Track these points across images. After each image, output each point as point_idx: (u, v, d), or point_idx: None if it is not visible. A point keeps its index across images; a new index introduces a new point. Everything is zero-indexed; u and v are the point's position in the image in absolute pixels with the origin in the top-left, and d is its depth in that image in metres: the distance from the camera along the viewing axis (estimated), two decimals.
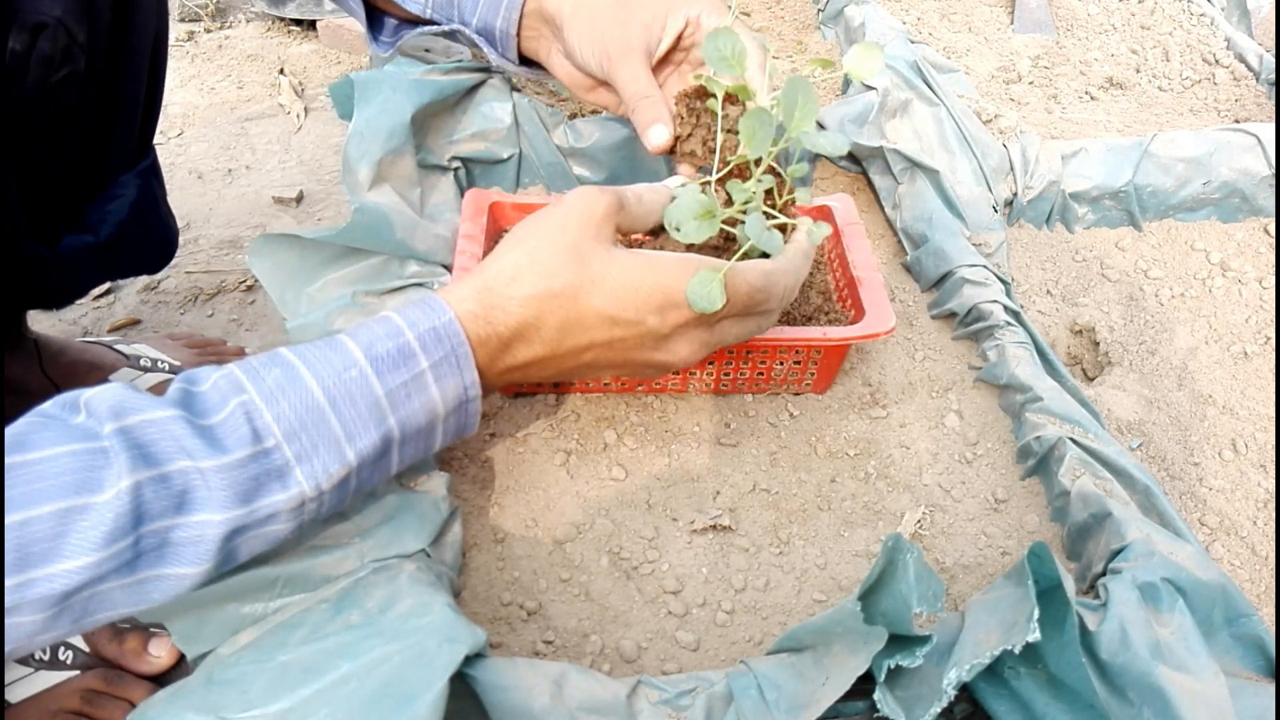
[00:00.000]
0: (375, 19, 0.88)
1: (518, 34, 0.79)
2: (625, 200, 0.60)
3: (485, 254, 0.76)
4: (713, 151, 0.71)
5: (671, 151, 0.74)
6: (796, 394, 0.81)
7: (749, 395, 0.80)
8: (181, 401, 0.47)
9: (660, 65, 0.79)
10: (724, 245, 0.67)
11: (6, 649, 0.43)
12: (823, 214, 0.85)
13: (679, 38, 0.77)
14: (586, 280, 0.56)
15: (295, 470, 0.48)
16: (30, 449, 0.43)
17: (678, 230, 0.61)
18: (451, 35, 0.84)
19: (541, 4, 0.78)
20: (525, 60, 0.84)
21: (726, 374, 0.77)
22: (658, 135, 0.73)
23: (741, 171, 0.68)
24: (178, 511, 0.45)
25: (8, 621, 0.42)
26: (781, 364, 0.77)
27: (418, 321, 0.52)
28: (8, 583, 0.41)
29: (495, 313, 0.55)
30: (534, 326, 0.55)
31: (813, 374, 0.79)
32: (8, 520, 0.41)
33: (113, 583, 0.44)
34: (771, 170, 0.66)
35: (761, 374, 0.78)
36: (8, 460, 0.42)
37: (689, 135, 0.74)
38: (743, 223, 0.64)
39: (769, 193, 0.68)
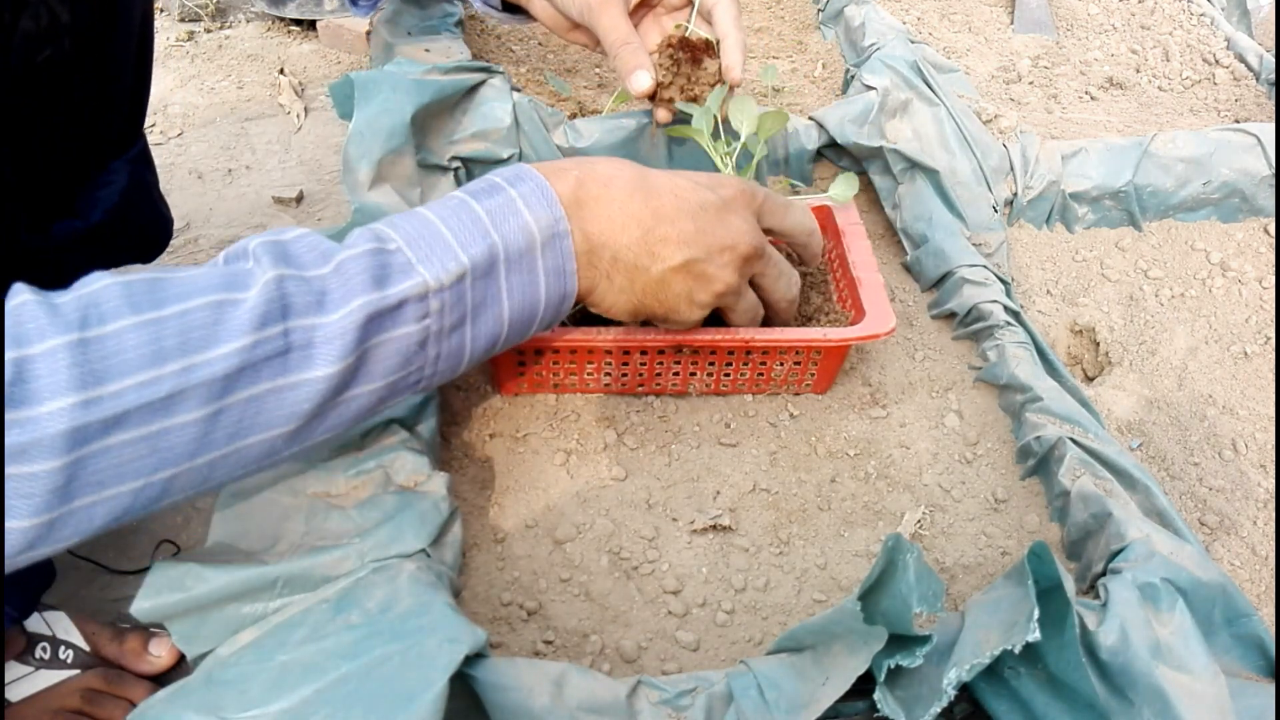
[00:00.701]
0: None
1: None
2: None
3: None
4: (693, 99, 0.83)
5: (652, 97, 0.82)
6: (796, 394, 0.81)
7: (749, 395, 0.80)
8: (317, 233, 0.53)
9: (637, 9, 0.84)
10: None
11: (163, 466, 0.44)
12: (822, 214, 0.85)
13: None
14: (657, 172, 0.63)
15: (417, 266, 0.51)
16: (181, 270, 0.47)
17: None
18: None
19: None
20: (508, 7, 0.89)
21: (727, 374, 0.77)
22: (640, 81, 0.80)
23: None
24: (319, 309, 0.48)
25: (170, 421, 0.44)
26: (781, 364, 0.77)
27: (501, 171, 0.58)
28: (171, 368, 0.43)
29: (572, 169, 0.60)
30: (605, 177, 0.60)
31: (813, 375, 0.79)
32: (167, 311, 0.44)
33: (266, 381, 0.46)
34: None
35: (761, 374, 0.78)
36: (170, 276, 0.46)
37: (669, 83, 0.83)
38: None
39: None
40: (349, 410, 0.52)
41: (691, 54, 0.84)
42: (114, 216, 0.83)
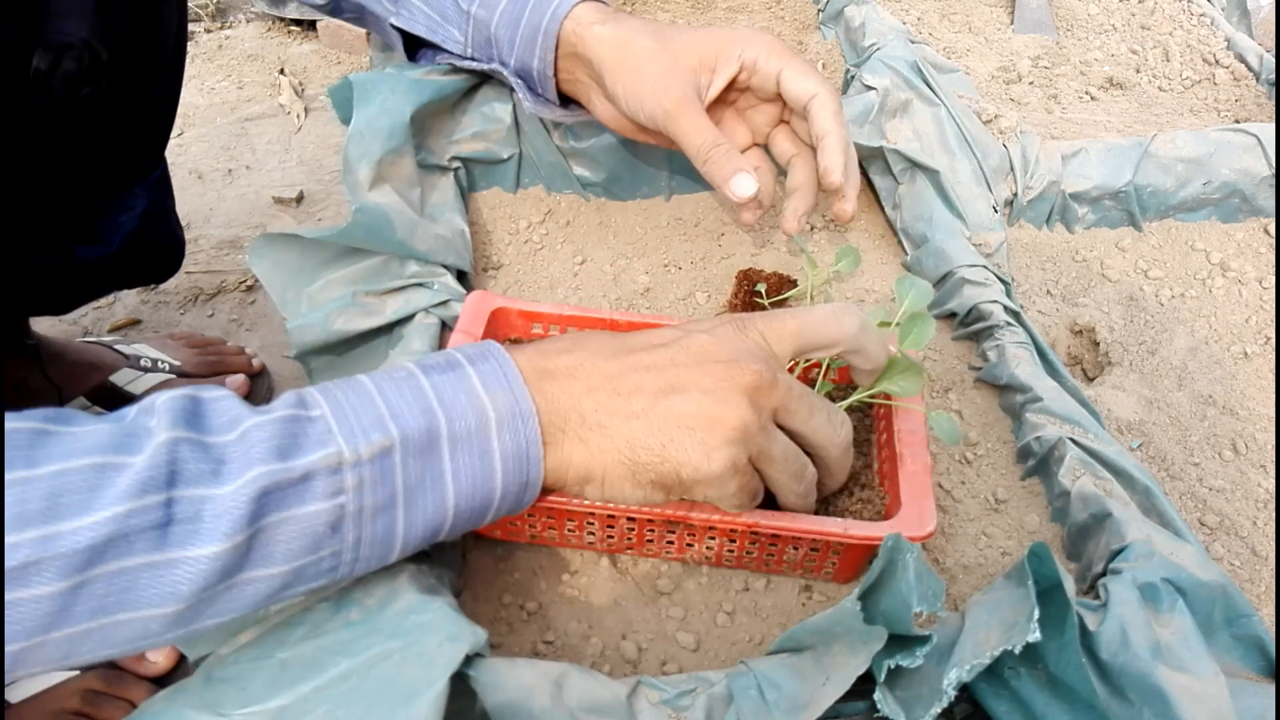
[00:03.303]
0: (414, 50, 0.88)
1: (555, 74, 0.77)
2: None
3: None
4: None
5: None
6: (813, 580, 0.69)
7: None
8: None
9: (714, 107, 0.74)
10: None
11: (9, 639, 0.40)
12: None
13: (733, 80, 0.72)
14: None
15: (336, 434, 0.46)
16: (77, 423, 0.43)
17: None
18: (492, 76, 0.83)
19: (577, 47, 0.74)
20: (566, 101, 0.81)
21: (730, 551, 0.66)
22: (742, 186, 0.69)
23: None
24: (213, 480, 0.43)
25: (22, 593, 0.39)
26: (796, 549, 0.65)
27: (466, 349, 0.53)
28: (30, 535, 0.39)
29: (535, 344, 0.56)
30: (576, 340, 0.55)
31: (833, 564, 0.66)
32: (41, 471, 0.40)
33: (140, 555, 0.42)
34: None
35: (772, 555, 0.66)
36: (57, 429, 0.42)
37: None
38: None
39: None
40: (245, 596, 0.46)
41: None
42: (133, 241, 0.84)
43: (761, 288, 0.81)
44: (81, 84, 0.67)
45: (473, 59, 0.82)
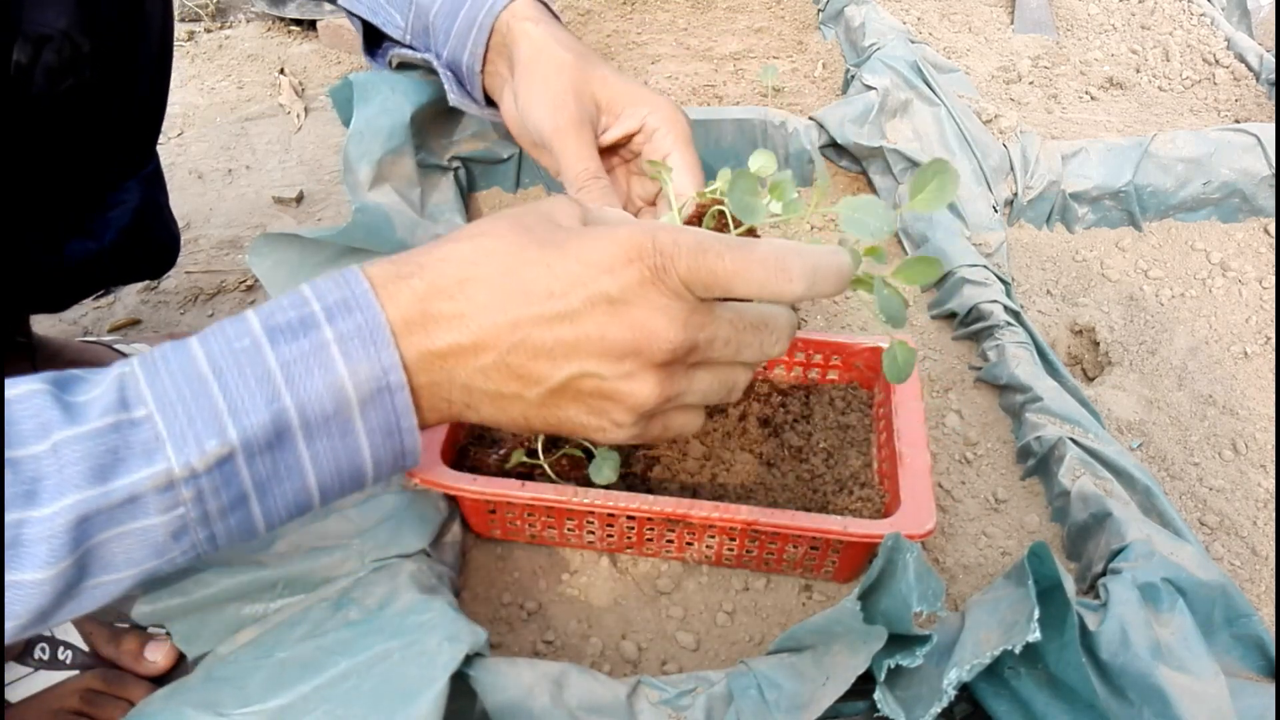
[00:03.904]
0: (375, 37, 0.87)
1: (482, 70, 0.75)
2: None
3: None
4: None
5: None
6: (813, 580, 0.69)
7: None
8: (58, 380, 0.42)
9: (609, 157, 0.71)
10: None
11: None
12: (876, 356, 0.74)
13: (629, 136, 0.70)
14: (528, 237, 0.46)
15: (165, 444, 0.41)
16: None
17: None
18: (429, 66, 0.82)
19: (506, 38, 0.72)
20: (490, 102, 0.79)
21: (730, 549, 0.66)
22: None
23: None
24: (30, 501, 0.39)
25: None
26: (796, 548, 0.65)
27: (327, 293, 0.45)
28: None
29: (416, 274, 0.46)
30: (460, 283, 0.45)
31: (833, 563, 0.66)
32: None
33: None
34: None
35: (772, 554, 0.66)
36: None
37: None
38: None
39: None
40: (98, 595, 0.43)
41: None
42: (126, 236, 0.83)
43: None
44: (63, 77, 0.66)
45: (411, 47, 0.82)
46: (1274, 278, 0.99)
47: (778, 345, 0.50)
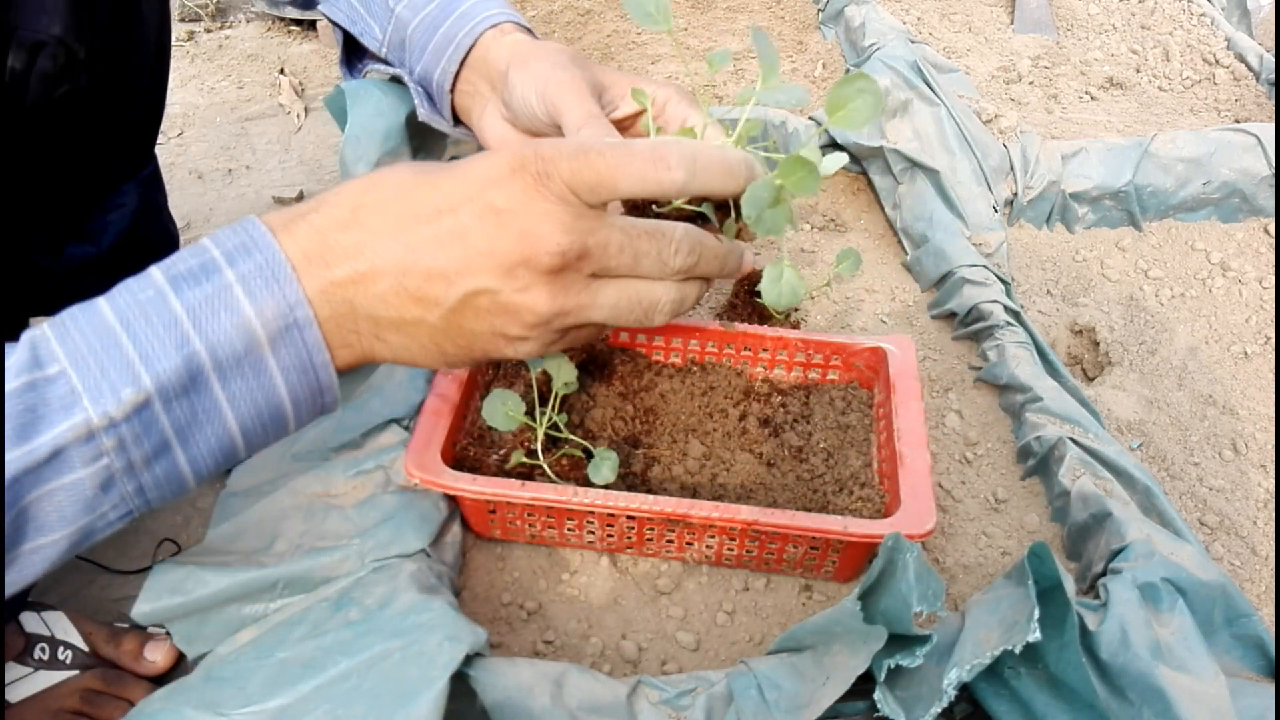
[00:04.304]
0: (354, 51, 0.87)
1: (453, 88, 0.74)
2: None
3: (457, 414, 0.68)
4: None
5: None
6: (814, 579, 0.69)
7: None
8: None
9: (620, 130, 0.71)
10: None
11: None
12: (876, 357, 0.74)
13: (635, 117, 0.70)
14: (420, 168, 0.47)
15: (81, 397, 0.42)
16: None
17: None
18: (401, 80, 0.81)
19: (489, 52, 0.71)
20: (457, 122, 0.78)
21: (730, 550, 0.66)
22: None
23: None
24: None
25: None
26: (795, 547, 0.65)
27: (225, 239, 0.45)
28: None
29: (313, 211, 0.47)
30: (354, 211, 0.46)
31: (834, 563, 0.66)
32: None
33: None
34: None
35: (772, 554, 0.66)
36: None
37: None
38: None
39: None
40: (36, 561, 0.44)
41: None
42: (125, 239, 0.83)
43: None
44: (59, 83, 0.66)
45: (386, 61, 0.82)
46: (1274, 278, 0.99)
47: (678, 256, 0.50)
